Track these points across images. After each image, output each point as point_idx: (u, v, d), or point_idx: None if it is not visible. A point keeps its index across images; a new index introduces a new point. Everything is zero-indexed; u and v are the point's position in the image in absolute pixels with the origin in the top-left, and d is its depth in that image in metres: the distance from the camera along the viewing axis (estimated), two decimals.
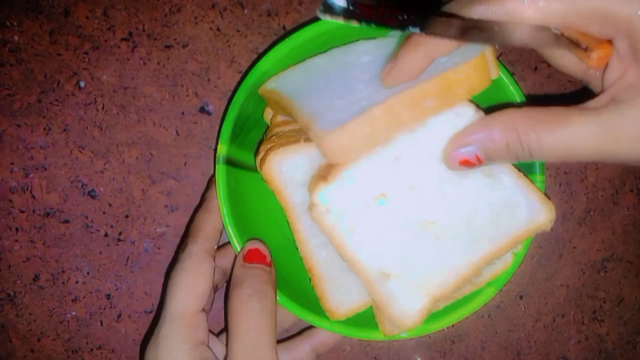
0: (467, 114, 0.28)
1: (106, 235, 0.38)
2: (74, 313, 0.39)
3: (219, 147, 0.31)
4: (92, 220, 0.38)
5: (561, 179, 0.40)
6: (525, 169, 0.32)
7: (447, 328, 0.40)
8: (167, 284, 0.31)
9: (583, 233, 0.40)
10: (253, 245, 0.32)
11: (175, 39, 0.38)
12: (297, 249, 0.32)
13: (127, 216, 0.38)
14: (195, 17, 0.38)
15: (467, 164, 0.27)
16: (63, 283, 0.39)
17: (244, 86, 0.31)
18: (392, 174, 0.28)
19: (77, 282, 0.39)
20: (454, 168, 0.27)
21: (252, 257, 0.32)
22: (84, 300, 0.39)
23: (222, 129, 0.31)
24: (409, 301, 0.29)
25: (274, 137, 0.32)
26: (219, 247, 0.33)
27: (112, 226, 0.38)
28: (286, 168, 0.31)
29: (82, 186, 0.38)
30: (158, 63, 0.38)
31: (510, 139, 0.25)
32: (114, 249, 0.39)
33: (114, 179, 0.38)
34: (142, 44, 0.38)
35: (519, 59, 0.39)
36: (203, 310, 0.30)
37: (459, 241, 0.29)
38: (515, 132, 0.25)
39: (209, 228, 0.32)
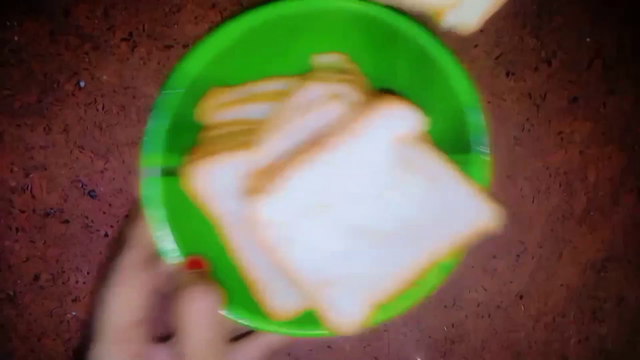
0: (411, 117, 0.27)
1: (106, 235, 0.38)
2: (74, 313, 0.39)
3: (146, 159, 0.30)
4: (92, 220, 0.38)
5: (561, 179, 0.40)
6: (464, 148, 0.31)
7: (446, 328, 0.40)
8: (95, 299, 0.30)
9: (583, 233, 0.40)
10: (193, 257, 0.31)
11: (175, 39, 0.38)
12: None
13: (127, 216, 0.38)
14: (195, 17, 0.38)
15: None
16: (63, 283, 0.38)
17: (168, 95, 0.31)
18: (332, 182, 0.28)
19: (77, 282, 0.39)
20: None
21: (193, 265, 0.31)
22: (84, 300, 0.39)
23: (149, 139, 0.30)
24: (349, 308, 0.28)
25: (201, 145, 0.31)
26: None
27: (112, 226, 0.38)
28: (210, 180, 0.30)
29: (82, 186, 0.38)
30: (158, 63, 0.38)
31: None
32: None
33: (114, 179, 0.38)
34: (142, 44, 0.38)
35: (519, 59, 0.39)
36: (139, 322, 0.30)
37: (401, 247, 0.29)
38: None
39: (143, 235, 0.31)
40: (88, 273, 0.39)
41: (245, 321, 0.31)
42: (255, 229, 0.27)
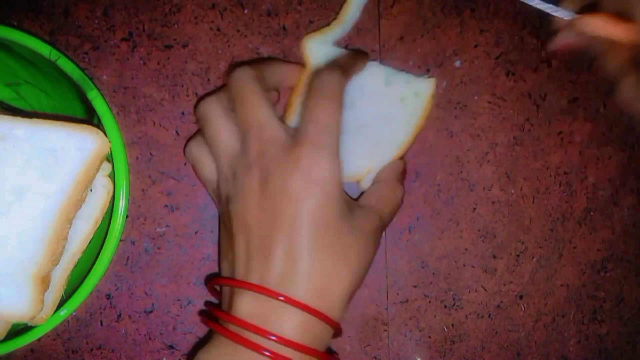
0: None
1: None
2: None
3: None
4: None
5: (561, 179, 0.40)
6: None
7: (446, 328, 0.40)
8: None
9: (583, 233, 0.40)
10: None
11: (175, 39, 0.39)
12: None
13: (127, 216, 0.38)
14: (195, 17, 0.38)
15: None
16: None
17: None
18: None
19: None
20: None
21: None
22: (84, 300, 0.39)
23: None
24: (14, 293, 0.29)
25: None
26: None
27: None
28: None
29: None
30: (158, 63, 0.39)
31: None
32: None
33: None
34: (142, 44, 0.38)
35: (519, 58, 0.39)
36: None
37: (17, 214, 0.29)
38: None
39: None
40: None
41: None
42: None
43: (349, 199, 0.33)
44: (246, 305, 0.29)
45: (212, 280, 0.33)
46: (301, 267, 0.29)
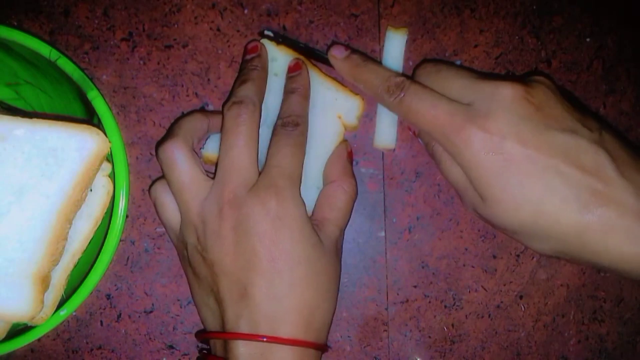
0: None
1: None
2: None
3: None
4: None
5: None
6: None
7: (446, 328, 0.40)
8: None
9: None
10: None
11: (175, 39, 0.39)
12: None
13: (127, 216, 0.38)
14: (195, 17, 0.39)
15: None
16: None
17: None
18: None
19: None
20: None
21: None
22: (84, 300, 0.39)
23: None
24: (14, 293, 0.29)
25: None
26: None
27: None
28: None
29: None
30: (158, 63, 0.39)
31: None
32: None
33: None
34: (142, 44, 0.38)
35: (519, 59, 0.39)
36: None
37: (17, 214, 0.29)
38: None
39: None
40: None
41: None
42: None
43: (313, 225, 0.34)
44: (244, 353, 0.31)
45: (206, 334, 0.34)
46: (286, 305, 0.31)
